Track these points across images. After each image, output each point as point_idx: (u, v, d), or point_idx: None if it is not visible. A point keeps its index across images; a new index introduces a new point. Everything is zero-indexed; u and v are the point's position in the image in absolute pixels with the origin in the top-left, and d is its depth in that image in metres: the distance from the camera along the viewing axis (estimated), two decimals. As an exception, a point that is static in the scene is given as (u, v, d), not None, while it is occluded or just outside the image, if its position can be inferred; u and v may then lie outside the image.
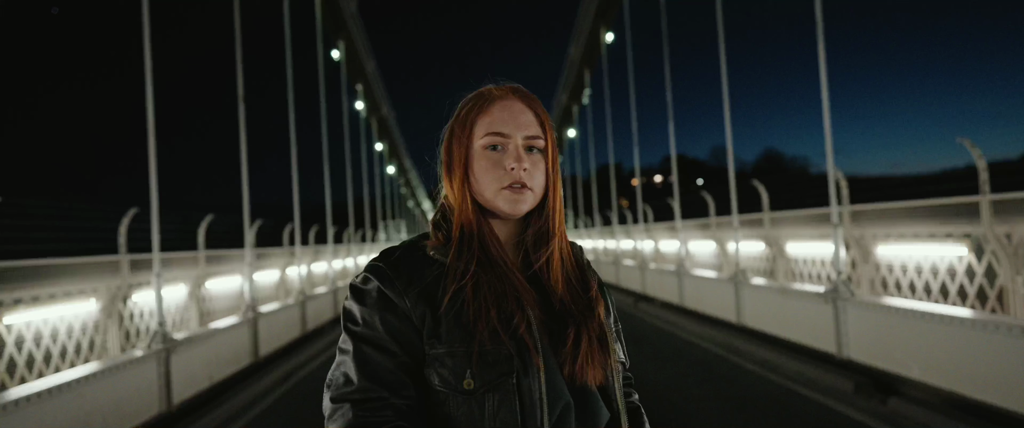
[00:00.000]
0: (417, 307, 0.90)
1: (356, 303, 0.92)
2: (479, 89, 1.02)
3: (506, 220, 1.00)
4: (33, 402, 4.38)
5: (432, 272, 0.93)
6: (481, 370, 0.87)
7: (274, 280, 14.95)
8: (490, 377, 0.87)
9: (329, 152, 15.71)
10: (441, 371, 0.88)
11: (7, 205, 6.50)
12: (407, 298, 0.90)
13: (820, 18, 7.30)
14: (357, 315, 0.91)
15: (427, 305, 0.90)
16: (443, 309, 0.90)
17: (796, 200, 11.52)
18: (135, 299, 9.08)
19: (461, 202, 0.97)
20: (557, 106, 30.45)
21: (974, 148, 7.04)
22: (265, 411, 6.56)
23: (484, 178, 0.96)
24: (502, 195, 0.95)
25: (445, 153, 1.01)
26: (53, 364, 7.42)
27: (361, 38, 22.74)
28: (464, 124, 0.98)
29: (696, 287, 11.62)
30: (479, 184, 0.96)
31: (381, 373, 0.87)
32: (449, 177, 1.00)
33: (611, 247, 22.27)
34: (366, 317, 0.90)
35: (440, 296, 0.91)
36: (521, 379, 0.88)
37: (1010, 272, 6.98)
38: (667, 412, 5.61)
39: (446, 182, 1.01)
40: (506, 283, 0.93)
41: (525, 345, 0.89)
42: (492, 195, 0.95)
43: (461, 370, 0.87)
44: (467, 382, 0.87)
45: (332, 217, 16.09)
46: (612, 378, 0.99)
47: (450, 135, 1.00)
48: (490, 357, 0.88)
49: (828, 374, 6.31)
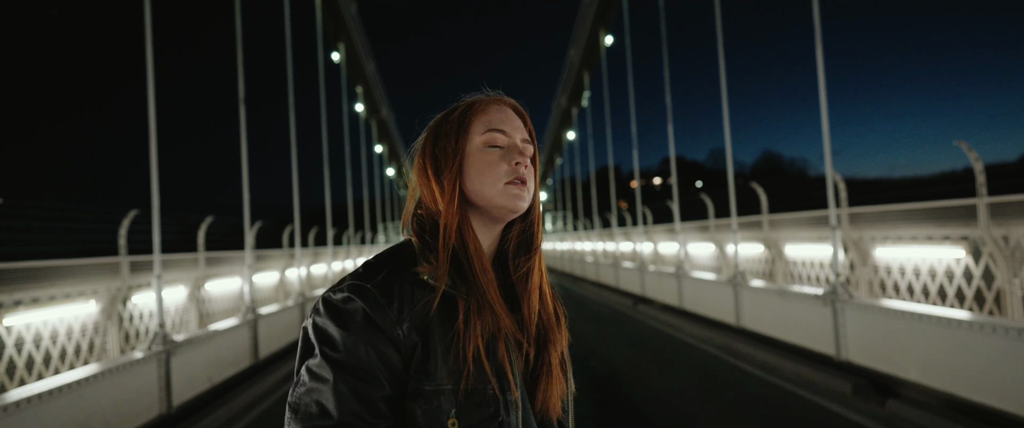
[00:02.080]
0: (409, 337, 0.84)
1: (336, 325, 0.83)
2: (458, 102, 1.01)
3: (491, 226, 0.97)
4: (33, 404, 4.38)
5: (423, 298, 0.86)
6: (468, 410, 0.83)
7: (274, 282, 14.95)
8: (476, 419, 0.83)
9: (329, 154, 15.74)
10: (426, 408, 0.83)
11: (7, 207, 6.50)
12: (399, 328, 0.83)
13: (818, 20, 7.33)
14: (338, 340, 0.82)
15: (419, 336, 0.84)
16: (434, 341, 0.84)
17: (795, 202, 11.56)
18: (135, 301, 9.09)
19: (448, 204, 0.92)
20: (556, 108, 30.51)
21: (971, 151, 7.07)
22: (265, 413, 6.57)
23: (486, 174, 0.93)
24: (506, 191, 0.93)
25: (427, 157, 0.96)
26: (53, 366, 7.42)
27: (361, 40, 22.77)
28: (459, 123, 0.95)
29: (695, 289, 11.64)
30: (477, 182, 0.93)
31: (364, 407, 0.80)
32: (436, 178, 0.94)
33: (610, 249, 22.28)
34: (349, 343, 0.81)
35: (432, 327, 0.85)
36: (504, 419, 0.85)
37: (1007, 274, 7.01)
38: (666, 414, 5.62)
39: (429, 185, 0.95)
40: (492, 312, 0.88)
41: (507, 380, 0.87)
42: (494, 192, 0.93)
43: (447, 409, 0.83)
44: (451, 421, 0.82)
45: (332, 219, 16.11)
46: (568, 407, 1.00)
47: (434, 137, 0.97)
48: (477, 397, 0.84)
49: (827, 376, 6.32)
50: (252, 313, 9.13)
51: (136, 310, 9.19)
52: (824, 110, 7.34)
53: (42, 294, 7.13)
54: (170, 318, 10.18)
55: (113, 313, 8.43)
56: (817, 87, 7.35)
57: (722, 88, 10.45)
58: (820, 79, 7.33)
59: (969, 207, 7.39)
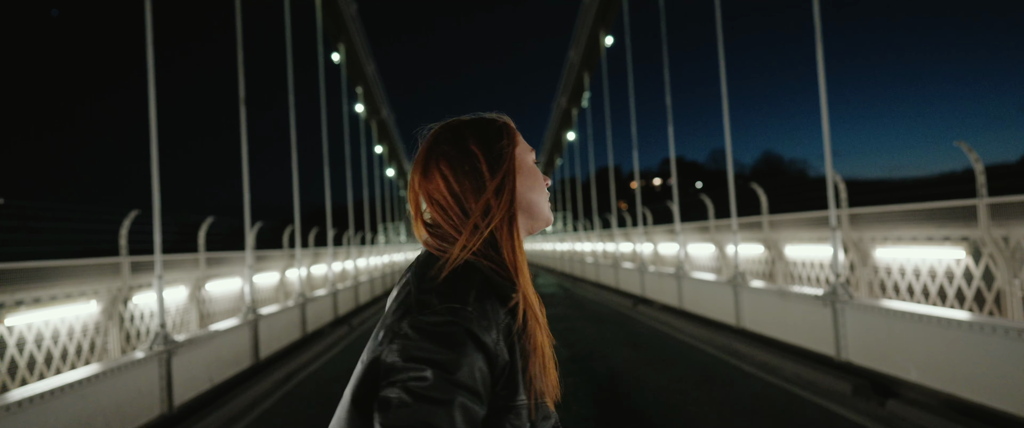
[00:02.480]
0: (502, 355, 0.85)
1: (442, 347, 0.80)
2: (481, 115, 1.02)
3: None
4: (35, 403, 4.40)
5: (505, 314, 0.87)
6: (540, 421, 0.89)
7: (274, 282, 14.96)
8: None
9: (329, 155, 15.76)
10: (514, 422, 0.85)
11: (8, 207, 6.52)
12: (497, 347, 0.84)
13: (818, 21, 7.34)
14: (445, 361, 0.79)
15: (508, 353, 0.86)
16: (516, 356, 0.86)
17: (795, 203, 11.57)
18: (136, 301, 9.10)
19: (503, 216, 0.92)
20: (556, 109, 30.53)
21: (971, 151, 7.08)
22: (266, 413, 6.57)
23: (539, 189, 0.98)
24: (548, 206, 1.00)
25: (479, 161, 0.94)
26: (54, 366, 7.43)
27: (361, 41, 22.79)
28: (509, 134, 0.98)
29: (695, 290, 11.65)
30: (534, 194, 0.98)
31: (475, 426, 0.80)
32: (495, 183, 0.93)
33: (610, 250, 22.29)
34: (460, 365, 0.79)
35: (514, 343, 0.87)
36: (557, 424, 0.93)
37: (1007, 275, 7.01)
38: (666, 414, 5.63)
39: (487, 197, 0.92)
40: (537, 321, 0.91)
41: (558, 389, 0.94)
42: (545, 206, 0.99)
43: (526, 421, 0.86)
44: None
45: (332, 219, 16.12)
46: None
47: (486, 141, 0.96)
48: (544, 409, 0.90)
49: (827, 376, 6.33)
50: (253, 313, 9.13)
51: (137, 310, 9.20)
52: (824, 111, 7.35)
53: (43, 294, 7.14)
54: (171, 318, 10.19)
55: (114, 313, 8.44)
56: (817, 87, 7.37)
57: (722, 88, 10.46)
58: (820, 79, 7.34)
59: (969, 208, 7.40)
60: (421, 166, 0.97)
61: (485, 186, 0.92)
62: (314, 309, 12.65)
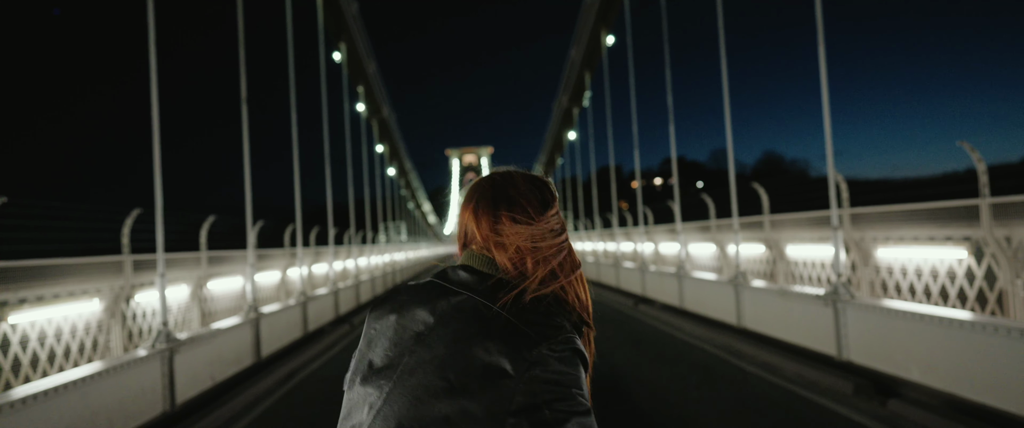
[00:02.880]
0: None
1: (584, 370, 0.94)
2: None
3: None
4: (39, 401, 4.41)
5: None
6: None
7: (275, 281, 14.98)
8: None
9: (330, 153, 15.77)
10: None
11: (11, 206, 6.53)
12: None
13: (820, 21, 7.34)
14: (584, 383, 0.92)
15: None
16: None
17: (796, 203, 11.56)
18: (138, 299, 9.11)
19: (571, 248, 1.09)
20: (557, 108, 30.51)
21: (973, 151, 7.07)
22: (267, 411, 6.59)
23: None
24: None
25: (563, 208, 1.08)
26: (57, 363, 7.44)
27: (362, 40, 22.80)
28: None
29: (696, 289, 11.65)
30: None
31: None
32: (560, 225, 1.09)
33: (611, 249, 22.29)
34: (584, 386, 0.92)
35: None
36: None
37: (1010, 275, 7.01)
38: (667, 413, 5.64)
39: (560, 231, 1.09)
40: None
41: None
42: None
43: None
44: None
45: (333, 218, 16.12)
46: None
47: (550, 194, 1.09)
48: None
49: (828, 376, 6.33)
50: (254, 312, 9.15)
51: (139, 308, 9.22)
52: (826, 110, 7.34)
53: (46, 292, 7.16)
54: (173, 316, 10.21)
55: (116, 311, 8.45)
56: (819, 87, 7.36)
57: (724, 88, 10.45)
58: (822, 79, 7.34)
59: (971, 208, 7.40)
60: None
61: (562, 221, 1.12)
62: (315, 308, 12.67)
